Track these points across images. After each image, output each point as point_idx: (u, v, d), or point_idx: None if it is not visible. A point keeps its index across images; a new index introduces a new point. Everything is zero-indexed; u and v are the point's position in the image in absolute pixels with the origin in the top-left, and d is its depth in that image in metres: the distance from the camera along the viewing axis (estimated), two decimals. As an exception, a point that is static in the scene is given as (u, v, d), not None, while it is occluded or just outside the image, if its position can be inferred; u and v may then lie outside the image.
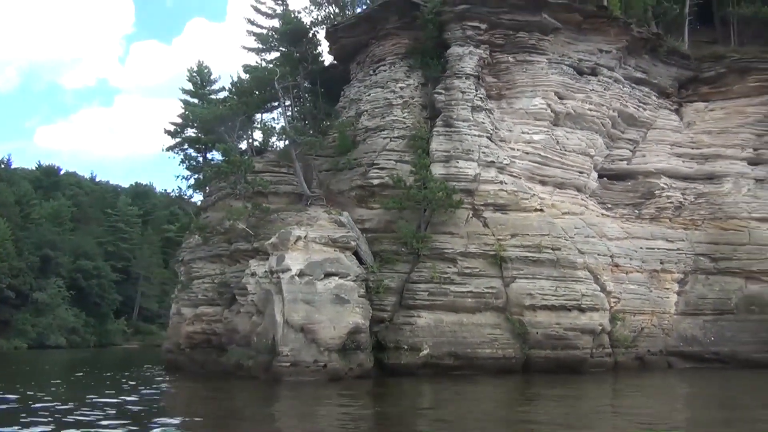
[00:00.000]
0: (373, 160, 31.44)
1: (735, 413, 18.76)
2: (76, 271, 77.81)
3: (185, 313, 33.06)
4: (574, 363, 29.23)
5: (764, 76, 36.11)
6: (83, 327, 77.25)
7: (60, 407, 19.44)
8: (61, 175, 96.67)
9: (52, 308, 73.38)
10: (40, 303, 72.18)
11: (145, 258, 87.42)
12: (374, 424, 17.59)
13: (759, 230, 35.54)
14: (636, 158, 36.61)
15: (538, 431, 16.24)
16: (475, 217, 30.55)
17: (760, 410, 19.22)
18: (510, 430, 16.68)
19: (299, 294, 25.75)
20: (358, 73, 35.65)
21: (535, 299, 29.13)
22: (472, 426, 16.67)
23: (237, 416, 18.49)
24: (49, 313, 72.94)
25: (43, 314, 72.46)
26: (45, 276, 74.90)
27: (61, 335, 73.85)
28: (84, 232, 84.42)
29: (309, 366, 25.51)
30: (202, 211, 36.44)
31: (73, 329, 75.51)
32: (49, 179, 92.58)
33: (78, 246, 79.86)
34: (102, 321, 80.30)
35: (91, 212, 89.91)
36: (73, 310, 76.76)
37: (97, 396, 22.21)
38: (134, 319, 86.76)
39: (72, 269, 77.54)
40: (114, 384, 28.13)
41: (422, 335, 28.05)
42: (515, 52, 32.73)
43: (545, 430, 16.29)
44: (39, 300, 72.26)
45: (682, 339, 33.31)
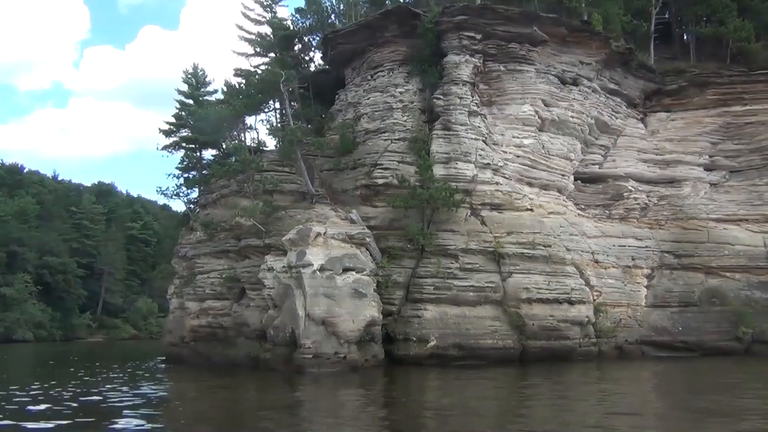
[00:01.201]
0: (376, 160, 30.76)
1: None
2: (43, 267, 74.74)
3: (190, 307, 31.68)
4: (565, 352, 29.26)
5: (721, 90, 36.98)
6: (49, 321, 74.16)
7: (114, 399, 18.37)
8: (24, 173, 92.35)
9: (19, 303, 70.42)
10: (7, 298, 69.21)
11: (109, 254, 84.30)
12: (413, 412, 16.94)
13: (716, 230, 36.32)
14: (607, 163, 36.97)
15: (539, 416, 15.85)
16: (474, 215, 30.26)
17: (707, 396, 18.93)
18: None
19: (320, 288, 24.91)
20: (354, 77, 34.88)
21: (530, 293, 28.99)
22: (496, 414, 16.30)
23: (300, 409, 17.60)
24: (16, 308, 69.98)
25: (11, 309, 69.49)
26: (12, 271, 71.76)
27: (28, 329, 70.78)
28: (49, 229, 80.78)
29: (330, 357, 24.73)
30: (201, 208, 34.98)
31: (39, 324, 72.54)
32: (12, 177, 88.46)
33: (44, 242, 76.50)
34: (67, 315, 77.31)
35: (54, 210, 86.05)
36: (40, 304, 73.64)
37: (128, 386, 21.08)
38: (98, 313, 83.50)
39: (38, 265, 74.42)
40: (133, 376, 26.85)
41: (429, 327, 27.55)
42: (506, 62, 32.58)
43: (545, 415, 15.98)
44: (6, 295, 69.34)
45: (654, 329, 33.69)
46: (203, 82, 38.59)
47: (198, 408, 18.10)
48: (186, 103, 38.14)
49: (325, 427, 14.45)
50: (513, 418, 15.31)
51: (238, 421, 14.94)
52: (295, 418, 15.64)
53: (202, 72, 38.45)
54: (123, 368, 30.80)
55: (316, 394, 20.47)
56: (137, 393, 20.29)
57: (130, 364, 33.12)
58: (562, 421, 14.63)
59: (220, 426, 14.77)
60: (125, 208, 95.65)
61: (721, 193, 37.77)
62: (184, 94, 38.53)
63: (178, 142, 37.27)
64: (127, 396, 19.36)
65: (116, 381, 24.41)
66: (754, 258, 35.49)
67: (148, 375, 28.15)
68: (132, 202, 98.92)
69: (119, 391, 20.75)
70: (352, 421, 15.19)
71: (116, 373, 27.95)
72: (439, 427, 14.39)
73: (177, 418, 16.04)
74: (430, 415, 16.20)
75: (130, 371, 29.63)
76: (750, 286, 34.99)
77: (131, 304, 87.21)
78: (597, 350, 30.78)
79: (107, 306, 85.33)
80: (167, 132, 38.10)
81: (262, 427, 14.68)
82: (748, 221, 36.90)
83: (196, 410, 17.60)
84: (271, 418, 15.53)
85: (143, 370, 30.50)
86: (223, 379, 24.88)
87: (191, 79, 38.42)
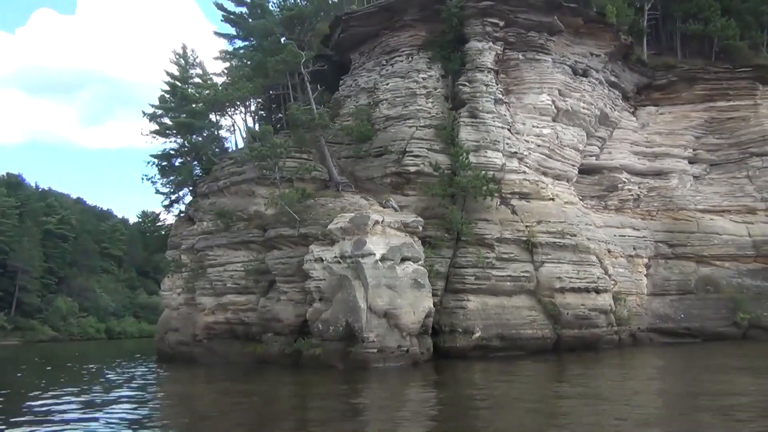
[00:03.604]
0: (404, 147, 29.75)
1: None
2: (-52, 265, 68.03)
3: (203, 303, 29.47)
4: (594, 341, 29.45)
5: (708, 85, 38.46)
6: (-43, 323, 67.79)
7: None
8: None
9: None
10: None
11: (24, 251, 77.82)
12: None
13: (704, 220, 37.82)
14: (603, 155, 37.62)
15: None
16: (504, 204, 29.88)
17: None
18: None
19: (383, 279, 23.70)
20: (364, 62, 33.67)
21: (563, 282, 28.97)
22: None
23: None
24: None
25: None
26: None
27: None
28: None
29: (393, 351, 23.60)
30: (202, 197, 32.64)
31: (-54, 325, 66.00)
32: None
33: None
34: (-24, 316, 70.82)
35: (-43, 203, 78.68)
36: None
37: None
38: (12, 314, 77.02)
39: (-57, 262, 67.68)
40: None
41: (473, 318, 26.96)
42: (525, 51, 32.40)
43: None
44: None
45: (657, 317, 34.64)
46: (193, 64, 36.12)
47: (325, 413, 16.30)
48: (175, 86, 35.52)
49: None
50: (609, 410, 14.66)
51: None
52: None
53: (192, 53, 36.04)
54: (114, 371, 27.78)
55: (421, 394, 19.17)
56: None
57: (118, 366, 30.24)
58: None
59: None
60: (37, 202, 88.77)
61: (705, 185, 39.39)
62: (172, 77, 35.89)
63: (170, 126, 34.63)
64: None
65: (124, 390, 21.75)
66: (742, 247, 37.23)
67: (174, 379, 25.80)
68: (45, 195, 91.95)
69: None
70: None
71: (120, 379, 25.11)
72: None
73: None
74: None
75: (130, 376, 26.98)
76: (740, 273, 36.68)
77: (49, 304, 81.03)
78: (618, 338, 31.17)
79: (22, 306, 78.70)
80: (152, 116, 35.43)
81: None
82: (731, 212, 38.68)
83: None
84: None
85: (148, 372, 27.86)
86: (278, 379, 22.92)
87: (180, 61, 35.85)
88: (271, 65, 30.04)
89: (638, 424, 12.53)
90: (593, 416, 13.49)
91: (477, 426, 12.94)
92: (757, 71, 38.35)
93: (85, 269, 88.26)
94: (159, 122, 36.59)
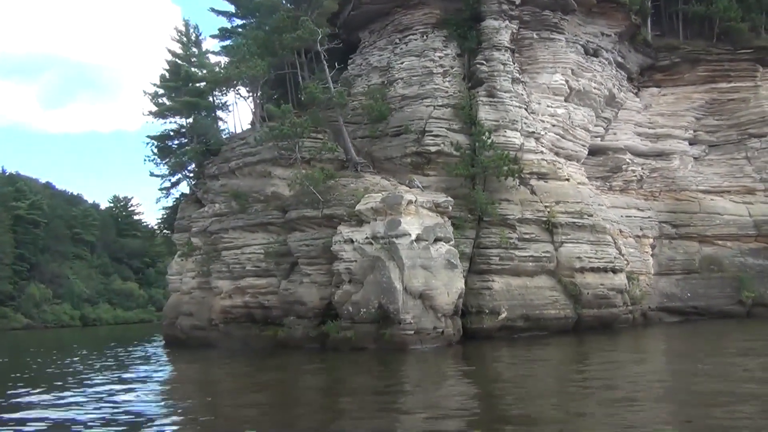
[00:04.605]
0: (422, 127, 29.34)
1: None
2: None
3: (220, 286, 28.76)
4: (611, 320, 29.64)
5: (711, 67, 38.81)
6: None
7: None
8: None
9: None
10: None
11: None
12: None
13: (706, 201, 38.27)
14: (608, 135, 37.74)
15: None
16: (522, 185, 29.72)
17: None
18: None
19: (418, 260, 23.39)
20: (375, 41, 33.10)
21: (583, 262, 29.03)
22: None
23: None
24: None
25: None
26: None
27: None
28: None
29: (429, 333, 23.36)
30: (211, 178, 31.81)
31: None
32: None
33: None
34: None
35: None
36: None
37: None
38: (-18, 302, 74.91)
39: None
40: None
41: (499, 299, 26.85)
42: (539, 30, 32.26)
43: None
44: None
45: (665, 296, 35.05)
46: (196, 41, 35.06)
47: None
48: (179, 65, 34.45)
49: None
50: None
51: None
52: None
53: (195, 29, 34.96)
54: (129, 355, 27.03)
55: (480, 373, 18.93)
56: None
57: (122, 352, 29.43)
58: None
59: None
60: (5, 186, 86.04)
61: (705, 166, 39.82)
62: (174, 55, 34.81)
63: (171, 107, 33.61)
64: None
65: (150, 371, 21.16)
66: (743, 227, 37.77)
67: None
68: (13, 179, 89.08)
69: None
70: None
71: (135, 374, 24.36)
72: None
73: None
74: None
75: (150, 360, 26.29)
76: (742, 253, 37.24)
77: (21, 291, 78.88)
78: (632, 317, 31.42)
79: (-9, 293, 76.71)
80: (154, 95, 34.38)
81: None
82: (731, 192, 39.16)
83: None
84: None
85: (159, 361, 27.03)
86: (317, 363, 22.38)
87: (183, 38, 34.77)
88: (287, 42, 29.26)
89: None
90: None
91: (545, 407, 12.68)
92: (758, 53, 38.82)
93: (58, 255, 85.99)
94: (157, 102, 35.57)
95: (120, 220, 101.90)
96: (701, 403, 11.85)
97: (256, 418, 12.41)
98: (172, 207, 39.42)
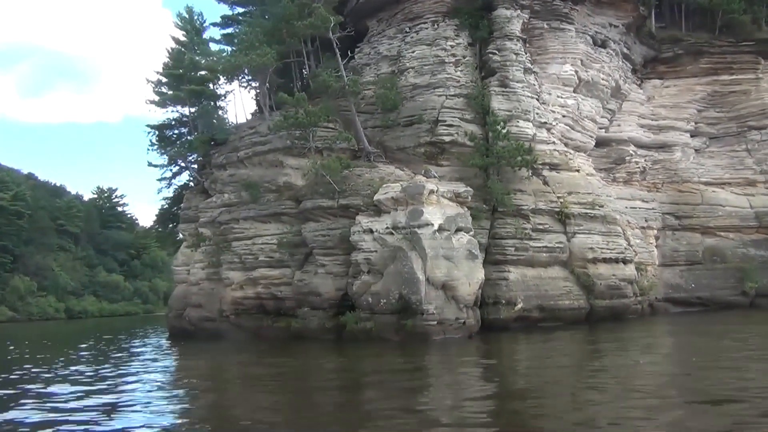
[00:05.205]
0: (435, 117, 29.11)
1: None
2: None
3: (231, 277, 28.35)
4: (622, 310, 29.71)
5: (714, 59, 38.97)
6: None
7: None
8: None
9: None
10: None
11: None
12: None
13: (707, 192, 38.52)
14: (612, 127, 37.79)
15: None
16: (535, 175, 29.66)
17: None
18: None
19: (440, 250, 23.22)
20: (384, 29, 32.80)
21: (595, 253, 29.08)
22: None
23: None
24: None
25: None
26: None
27: None
28: None
29: (452, 323, 23.21)
30: (218, 168, 31.32)
31: None
32: None
33: None
34: None
35: None
36: None
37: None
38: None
39: None
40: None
41: (515, 290, 26.78)
42: (549, 20, 32.19)
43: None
44: None
45: (670, 287, 35.27)
46: (200, 28, 34.45)
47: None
48: (182, 51, 33.85)
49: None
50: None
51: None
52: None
53: (199, 16, 34.32)
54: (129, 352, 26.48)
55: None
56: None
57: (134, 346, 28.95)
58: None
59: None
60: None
61: (706, 158, 40.06)
62: (177, 42, 34.19)
63: (173, 96, 33.01)
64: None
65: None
66: (745, 218, 38.05)
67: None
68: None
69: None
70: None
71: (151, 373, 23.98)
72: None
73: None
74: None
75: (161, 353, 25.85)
76: (744, 244, 37.54)
77: (5, 283, 77.64)
78: (641, 308, 31.54)
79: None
80: (157, 83, 33.79)
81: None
82: (731, 184, 39.44)
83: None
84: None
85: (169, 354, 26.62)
86: (348, 355, 21.98)
87: (187, 26, 34.14)
88: (299, 30, 28.84)
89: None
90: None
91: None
92: (760, 45, 39.03)
93: (42, 247, 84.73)
94: (158, 91, 34.95)
95: (104, 212, 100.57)
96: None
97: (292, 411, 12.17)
98: (172, 198, 38.92)
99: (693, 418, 10.19)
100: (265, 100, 30.89)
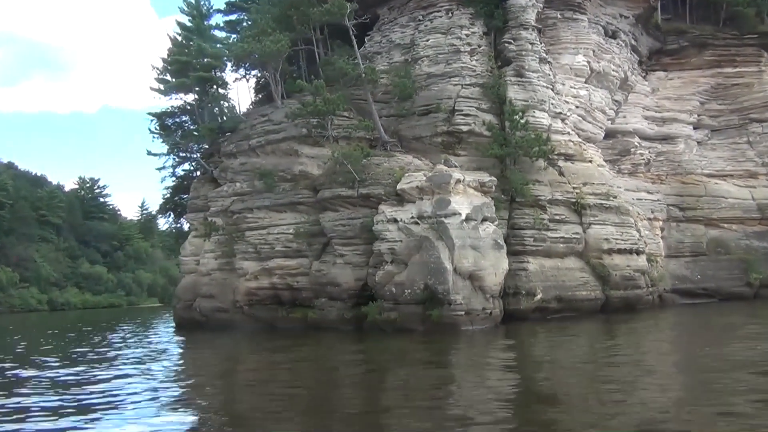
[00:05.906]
0: (451, 106, 28.87)
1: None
2: None
3: (245, 267, 27.93)
4: (636, 301, 29.82)
5: (718, 51, 39.19)
6: None
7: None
8: None
9: None
10: None
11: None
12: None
13: (710, 184, 38.81)
14: (618, 118, 37.85)
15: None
16: (551, 166, 29.54)
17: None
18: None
19: (468, 239, 23.02)
20: (396, 17, 32.44)
21: (610, 244, 29.14)
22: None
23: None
24: None
25: None
26: None
27: None
28: None
29: (479, 314, 23.06)
30: (228, 156, 30.77)
31: None
32: None
33: None
34: None
35: None
36: None
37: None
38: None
39: None
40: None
41: (534, 280, 26.71)
42: (562, 9, 32.13)
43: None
44: None
45: (676, 278, 35.44)
46: (206, 14, 33.80)
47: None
48: (188, 38, 33.19)
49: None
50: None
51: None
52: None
53: (204, 3, 33.64)
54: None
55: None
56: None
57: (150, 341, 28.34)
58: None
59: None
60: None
61: (709, 150, 40.33)
62: (183, 28, 33.51)
63: (178, 83, 32.35)
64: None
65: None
66: (747, 210, 38.41)
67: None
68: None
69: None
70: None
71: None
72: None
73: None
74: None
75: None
76: (747, 235, 37.90)
77: (-18, 275, 76.20)
78: (652, 299, 31.67)
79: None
80: (162, 70, 33.13)
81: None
82: (733, 176, 39.77)
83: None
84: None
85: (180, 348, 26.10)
86: (375, 346, 21.60)
87: (193, 11, 33.46)
88: (315, 17, 28.40)
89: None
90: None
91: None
92: (763, 38, 39.31)
93: (24, 238, 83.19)
94: (161, 79, 34.26)
95: (86, 203, 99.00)
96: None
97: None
98: (173, 187, 38.32)
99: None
100: (277, 88, 30.39)
